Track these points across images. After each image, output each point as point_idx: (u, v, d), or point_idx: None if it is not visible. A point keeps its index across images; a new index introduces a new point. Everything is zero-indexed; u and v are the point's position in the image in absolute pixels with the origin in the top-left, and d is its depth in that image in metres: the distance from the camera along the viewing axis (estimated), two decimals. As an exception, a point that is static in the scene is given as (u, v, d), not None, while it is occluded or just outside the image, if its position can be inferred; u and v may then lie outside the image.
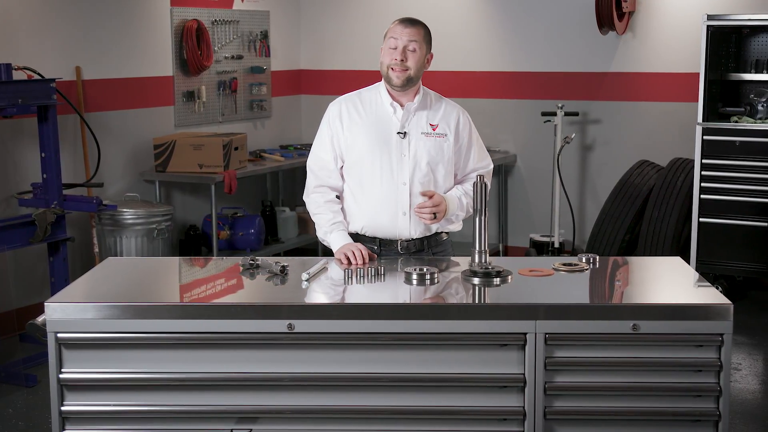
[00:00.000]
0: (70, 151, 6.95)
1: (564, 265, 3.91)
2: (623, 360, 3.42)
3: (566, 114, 8.06)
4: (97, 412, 3.48)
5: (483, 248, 3.85)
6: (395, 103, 4.17)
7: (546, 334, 3.38)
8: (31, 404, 5.57)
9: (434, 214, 4.06)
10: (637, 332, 3.37)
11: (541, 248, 8.18)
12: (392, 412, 3.47)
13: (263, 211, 8.43)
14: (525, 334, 3.38)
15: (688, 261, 6.32)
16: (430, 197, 4.06)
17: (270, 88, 8.90)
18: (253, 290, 3.74)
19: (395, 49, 4.08)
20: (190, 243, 7.81)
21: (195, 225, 7.94)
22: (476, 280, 3.72)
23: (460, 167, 4.27)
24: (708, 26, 7.19)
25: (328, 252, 4.20)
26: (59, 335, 3.44)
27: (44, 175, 6.24)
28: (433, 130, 4.17)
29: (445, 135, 4.19)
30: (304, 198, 4.32)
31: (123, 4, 7.45)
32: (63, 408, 3.47)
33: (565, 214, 8.16)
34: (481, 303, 3.59)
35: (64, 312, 3.43)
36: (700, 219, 7.32)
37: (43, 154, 6.22)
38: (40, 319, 3.53)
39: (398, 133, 4.15)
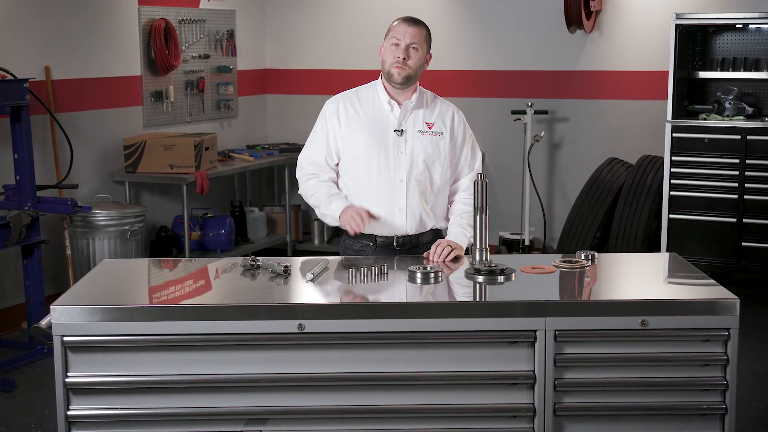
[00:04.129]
0: (39, 152, 6.84)
1: (564, 262, 3.93)
2: (631, 355, 3.45)
3: (536, 112, 8.10)
4: (104, 415, 3.43)
5: (484, 246, 3.88)
6: (393, 101, 4.21)
7: (556, 330, 3.40)
8: (11, 409, 5.47)
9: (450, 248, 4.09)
10: (645, 328, 3.40)
11: (511, 246, 8.22)
12: (403, 410, 3.47)
13: (233, 212, 8.38)
14: (535, 331, 3.40)
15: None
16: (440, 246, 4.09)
17: (236, 87, 8.84)
18: (259, 291, 3.71)
19: (397, 46, 4.11)
20: (161, 244, 7.74)
21: (165, 226, 7.86)
22: (480, 278, 3.74)
23: (453, 163, 4.30)
24: (677, 25, 7.28)
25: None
26: (65, 339, 3.37)
27: (17, 177, 6.14)
28: (430, 128, 4.22)
29: (441, 133, 4.23)
30: (300, 189, 4.35)
31: (91, 3, 7.35)
32: (69, 412, 3.42)
33: (534, 212, 8.21)
34: (491, 300, 3.61)
35: (70, 315, 3.37)
36: (670, 215, 7.41)
37: (16, 156, 6.13)
38: (44, 322, 3.46)
39: (395, 130, 4.19)
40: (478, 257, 3.87)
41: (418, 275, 3.74)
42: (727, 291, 3.52)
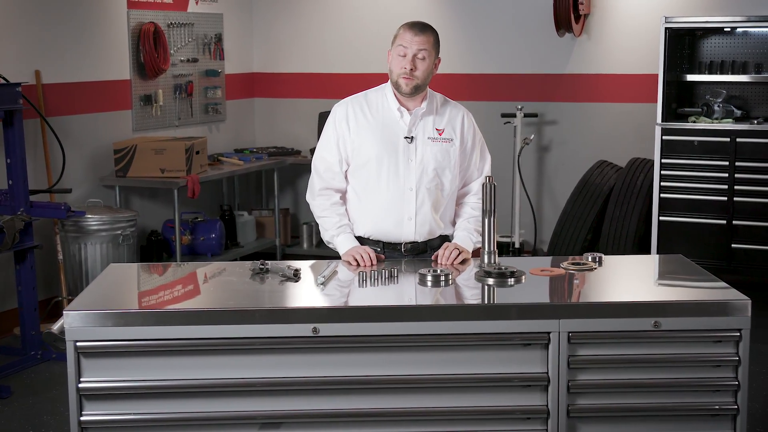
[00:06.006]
0: (30, 157, 6.78)
1: (573, 264, 3.95)
2: (644, 357, 3.47)
3: (525, 115, 8.13)
4: (118, 421, 3.42)
5: (493, 249, 3.89)
6: (402, 108, 4.14)
7: (569, 332, 3.41)
8: (7, 416, 5.43)
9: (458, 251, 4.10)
10: (658, 329, 3.42)
11: (501, 249, 8.20)
12: (417, 413, 3.47)
13: (222, 216, 8.36)
14: (549, 333, 3.41)
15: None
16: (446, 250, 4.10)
17: (224, 91, 8.82)
18: (271, 295, 3.71)
19: (404, 56, 4.04)
20: (152, 249, 7.70)
21: (156, 230, 7.83)
22: (491, 281, 3.74)
23: (463, 168, 4.27)
24: (666, 28, 7.32)
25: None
26: (78, 344, 3.35)
27: (10, 182, 6.09)
28: (440, 134, 4.16)
29: (451, 140, 4.18)
30: (309, 200, 4.29)
31: (80, 7, 7.30)
32: (82, 418, 3.40)
33: (524, 215, 8.24)
34: (505, 303, 3.61)
35: (84, 320, 3.35)
36: (660, 217, 7.45)
37: (8, 160, 6.08)
38: (55, 327, 3.46)
39: (405, 137, 4.13)
40: (487, 260, 3.88)
41: (429, 278, 3.74)
42: (739, 292, 3.56)
